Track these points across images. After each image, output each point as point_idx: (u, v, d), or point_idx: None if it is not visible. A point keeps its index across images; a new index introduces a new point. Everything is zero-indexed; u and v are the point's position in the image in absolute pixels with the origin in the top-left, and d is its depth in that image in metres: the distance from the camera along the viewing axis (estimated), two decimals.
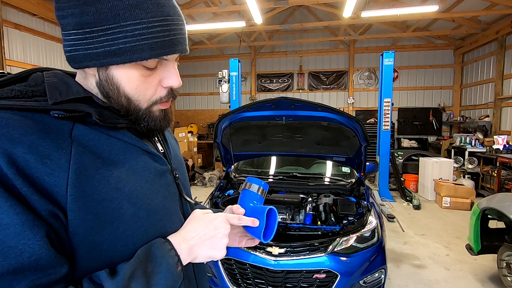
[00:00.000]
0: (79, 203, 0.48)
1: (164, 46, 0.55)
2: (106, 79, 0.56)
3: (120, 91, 0.57)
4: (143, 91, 0.59)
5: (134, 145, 0.60)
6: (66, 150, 0.49)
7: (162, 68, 0.60)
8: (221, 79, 6.40)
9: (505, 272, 2.74)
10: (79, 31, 0.52)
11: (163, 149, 0.72)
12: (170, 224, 0.63)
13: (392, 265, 3.28)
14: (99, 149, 0.54)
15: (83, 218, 0.49)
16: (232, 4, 6.80)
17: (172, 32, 0.56)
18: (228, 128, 2.83)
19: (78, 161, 0.49)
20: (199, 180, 7.38)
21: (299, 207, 2.72)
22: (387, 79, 5.93)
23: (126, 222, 0.54)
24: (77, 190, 0.48)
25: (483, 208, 2.77)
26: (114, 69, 0.55)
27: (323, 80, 9.57)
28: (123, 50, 0.52)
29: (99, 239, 0.51)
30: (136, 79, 0.57)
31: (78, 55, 0.54)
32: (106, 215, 0.51)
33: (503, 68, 6.85)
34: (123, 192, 0.54)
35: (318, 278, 2.04)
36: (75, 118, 0.53)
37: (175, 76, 0.61)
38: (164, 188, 0.64)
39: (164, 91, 0.61)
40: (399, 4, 6.89)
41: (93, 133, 0.55)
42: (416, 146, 8.62)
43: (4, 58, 5.12)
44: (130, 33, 0.52)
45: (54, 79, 0.56)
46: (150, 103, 0.60)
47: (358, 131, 2.54)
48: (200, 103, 10.69)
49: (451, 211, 5.20)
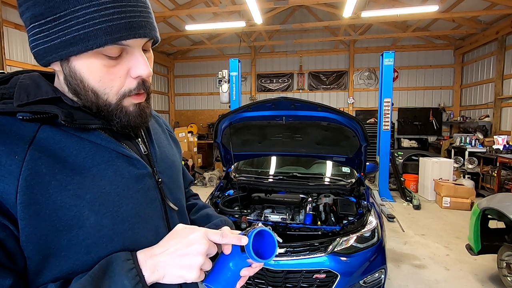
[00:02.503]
0: (30, 211, 0.46)
1: (120, 30, 0.50)
2: (70, 73, 0.53)
3: (85, 85, 0.53)
4: (108, 83, 0.54)
5: (108, 147, 0.57)
6: (19, 156, 0.47)
7: (128, 57, 0.55)
8: (221, 79, 6.40)
9: (505, 272, 2.74)
10: (35, 24, 0.50)
11: (146, 150, 0.67)
12: (144, 233, 0.59)
13: (392, 265, 3.28)
14: (64, 152, 0.51)
15: (36, 226, 0.46)
16: (232, 4, 6.79)
17: (129, 15, 0.51)
18: (228, 128, 2.83)
19: (31, 167, 0.47)
20: (199, 180, 7.38)
21: (299, 207, 2.72)
22: (387, 79, 5.93)
23: (87, 231, 0.51)
24: (27, 198, 0.46)
25: (483, 208, 2.77)
26: (75, 60, 0.52)
27: (323, 80, 9.57)
28: (77, 38, 0.49)
29: (55, 246, 0.48)
30: (98, 69, 0.53)
31: (40, 50, 0.52)
32: (62, 223, 0.48)
33: (503, 68, 6.85)
34: (83, 199, 0.51)
35: (318, 278, 2.04)
36: (43, 120, 0.51)
37: (142, 64, 0.55)
38: (140, 193, 0.59)
39: (134, 82, 0.56)
40: (399, 4, 6.89)
41: (61, 135, 0.52)
42: (416, 146, 8.62)
43: (4, 58, 5.11)
44: (81, 18, 0.48)
45: (27, 81, 0.55)
46: (119, 96, 0.56)
47: (358, 131, 2.54)
48: (200, 103, 10.69)
49: (451, 211, 5.20)
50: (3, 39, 5.06)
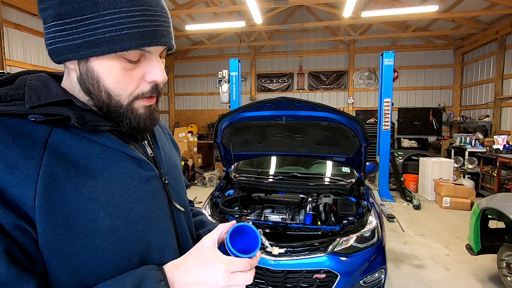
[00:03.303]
0: (48, 215, 0.46)
1: (145, 37, 0.53)
2: (86, 73, 0.54)
3: (100, 85, 0.55)
4: (124, 85, 0.56)
5: (117, 150, 0.57)
6: (36, 160, 0.47)
7: (146, 62, 0.57)
8: (221, 79, 6.40)
9: (505, 272, 2.74)
10: (58, 22, 0.51)
11: (152, 153, 0.69)
12: (155, 234, 0.60)
13: (392, 265, 3.28)
14: (76, 156, 0.52)
15: (54, 230, 0.47)
16: (232, 4, 6.79)
17: (154, 23, 0.54)
18: (228, 128, 2.83)
19: (48, 171, 0.47)
20: (199, 180, 7.38)
21: (299, 207, 2.72)
22: (387, 79, 5.93)
23: (103, 234, 0.51)
24: (45, 202, 0.46)
25: (483, 208, 2.77)
26: (94, 61, 0.53)
27: (323, 80, 9.57)
28: (102, 41, 0.51)
29: (73, 251, 0.49)
30: (116, 72, 0.54)
31: (58, 47, 0.52)
32: (79, 227, 0.49)
33: (503, 68, 6.85)
34: (97, 202, 0.51)
35: (318, 278, 2.04)
36: (54, 122, 0.51)
37: (159, 70, 0.57)
38: (149, 195, 0.60)
39: (147, 86, 0.58)
40: (399, 4, 6.89)
41: (72, 138, 0.53)
42: (416, 146, 8.62)
43: (4, 58, 5.12)
44: (109, 22, 0.50)
45: (35, 82, 0.55)
46: (131, 98, 0.57)
47: (358, 131, 2.54)
48: (200, 103, 10.69)
49: (451, 211, 5.20)
50: (3, 39, 5.06)
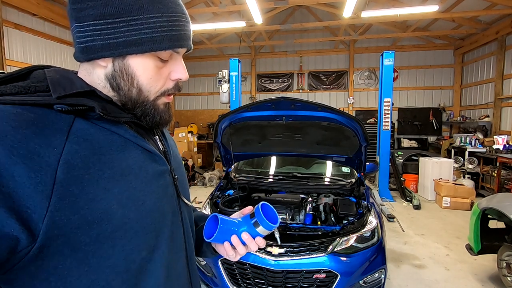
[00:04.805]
0: (65, 202, 0.47)
1: (180, 39, 0.60)
2: (122, 69, 0.58)
3: (134, 82, 0.59)
4: (155, 82, 0.61)
5: (135, 142, 0.60)
6: (58, 149, 0.48)
7: (172, 61, 0.63)
8: (221, 79, 6.40)
9: (505, 272, 2.74)
10: (100, 22, 0.54)
11: (163, 148, 0.71)
12: (164, 228, 0.62)
13: (392, 265, 3.27)
14: (97, 145, 0.53)
15: (69, 218, 0.48)
16: (232, 4, 6.79)
17: (185, 28, 0.61)
18: (228, 128, 2.83)
19: (68, 160, 0.49)
20: (199, 180, 7.37)
21: (299, 207, 2.72)
22: (387, 79, 5.93)
23: (115, 224, 0.53)
24: (64, 190, 0.47)
25: (483, 208, 2.77)
26: (131, 59, 0.58)
27: (323, 80, 9.57)
28: (144, 40, 0.56)
29: (85, 239, 0.50)
30: (151, 69, 0.59)
31: (96, 45, 0.56)
32: (93, 216, 0.50)
33: (503, 68, 6.85)
34: (112, 193, 0.53)
35: (318, 278, 2.04)
36: (77, 112, 0.53)
37: (183, 69, 0.64)
38: (161, 189, 0.63)
39: (172, 83, 0.64)
40: (399, 4, 6.89)
41: (94, 128, 0.54)
42: (416, 146, 8.62)
43: (4, 58, 5.12)
44: (152, 24, 0.56)
45: (56, 75, 0.57)
46: (158, 95, 0.63)
47: (358, 131, 2.54)
48: (200, 103, 10.69)
49: (451, 211, 5.20)
50: (3, 39, 5.07)
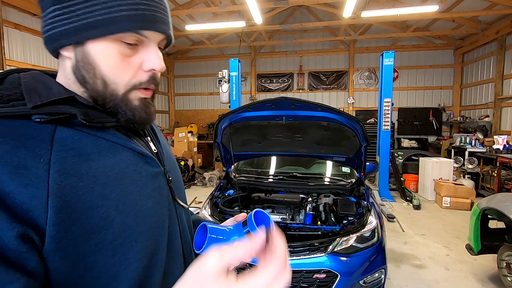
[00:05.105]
0: (61, 215, 0.44)
1: (144, 20, 0.52)
2: (82, 58, 0.53)
3: (97, 72, 0.53)
4: (121, 72, 0.54)
5: (124, 146, 0.56)
6: (45, 158, 0.45)
7: (144, 49, 0.56)
8: (221, 79, 6.40)
9: (505, 272, 2.74)
10: (57, 6, 0.51)
11: (156, 149, 0.68)
12: (163, 232, 0.59)
13: (392, 265, 3.27)
14: (85, 152, 0.50)
15: (67, 230, 0.45)
16: (232, 4, 6.80)
17: (153, 8, 0.53)
18: (228, 128, 2.83)
19: (59, 169, 0.46)
20: (199, 180, 7.37)
21: (299, 207, 2.72)
22: (387, 79, 5.93)
23: (114, 232, 0.50)
24: (60, 201, 0.44)
25: (483, 208, 2.77)
26: (91, 45, 0.52)
27: (323, 80, 9.57)
28: (101, 22, 0.50)
29: (85, 250, 0.47)
30: (114, 56, 0.53)
31: (55, 33, 0.52)
32: (91, 225, 0.47)
33: (503, 68, 6.86)
34: (109, 200, 0.50)
35: (318, 278, 2.04)
36: (58, 121, 0.49)
37: (156, 58, 0.56)
38: (156, 192, 0.59)
39: (145, 75, 0.57)
40: (399, 4, 6.89)
41: (78, 135, 0.51)
42: (416, 146, 8.62)
43: (4, 58, 5.12)
44: (108, 3, 0.50)
45: (31, 81, 0.53)
46: (128, 88, 0.55)
47: (358, 131, 2.54)
48: (200, 103, 10.69)
49: (451, 211, 5.20)
50: (3, 39, 5.07)
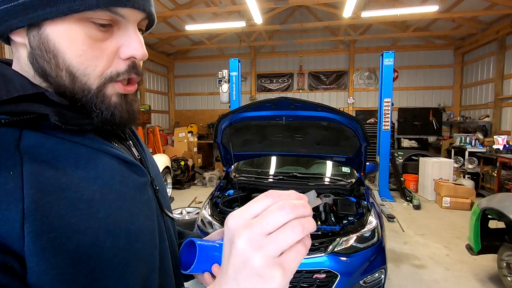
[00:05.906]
0: (42, 242, 0.34)
1: None
2: (39, 45, 0.41)
3: (60, 61, 0.41)
4: (91, 61, 0.42)
5: (107, 152, 0.46)
6: (15, 171, 0.35)
7: (120, 33, 0.44)
8: (221, 79, 6.40)
9: (505, 272, 2.74)
10: None
11: (139, 155, 0.57)
12: (154, 251, 0.49)
13: (392, 265, 3.27)
14: (61, 163, 0.39)
15: (50, 261, 0.34)
16: (232, 4, 6.80)
17: None
18: (228, 128, 2.83)
19: (35, 184, 0.35)
20: (199, 180, 7.37)
21: None
22: (387, 79, 5.93)
23: (105, 257, 0.40)
24: (39, 224, 0.34)
25: (483, 208, 2.77)
26: (50, 27, 0.40)
27: (323, 80, 9.57)
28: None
29: (73, 285, 0.37)
30: (81, 40, 0.41)
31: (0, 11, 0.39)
32: (80, 252, 0.37)
33: (503, 68, 6.85)
34: (97, 219, 0.40)
35: (318, 278, 2.04)
36: (23, 123, 0.38)
37: (136, 43, 0.44)
38: (145, 206, 0.49)
39: (123, 64, 0.45)
40: (399, 4, 6.89)
41: (50, 141, 0.40)
42: (416, 146, 8.62)
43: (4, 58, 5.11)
44: None
45: None
46: (102, 80, 0.44)
47: (358, 131, 2.54)
48: (200, 103, 10.69)
49: (451, 211, 5.20)
50: None
